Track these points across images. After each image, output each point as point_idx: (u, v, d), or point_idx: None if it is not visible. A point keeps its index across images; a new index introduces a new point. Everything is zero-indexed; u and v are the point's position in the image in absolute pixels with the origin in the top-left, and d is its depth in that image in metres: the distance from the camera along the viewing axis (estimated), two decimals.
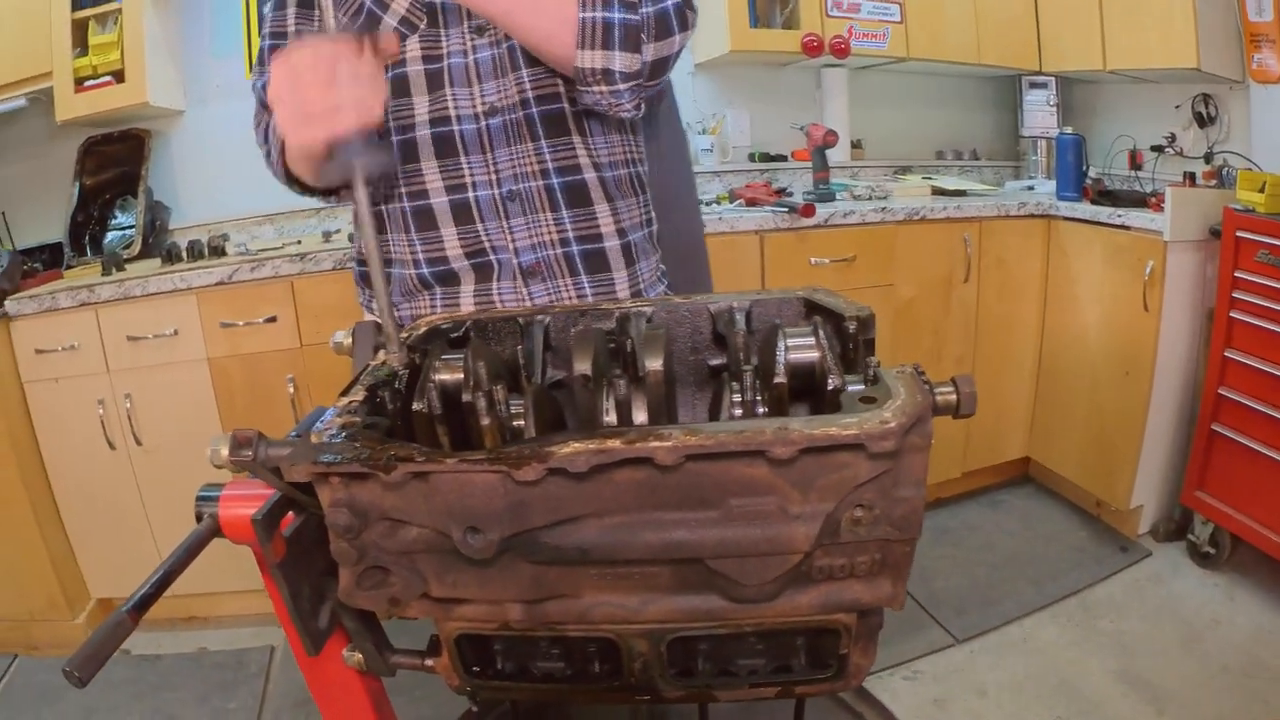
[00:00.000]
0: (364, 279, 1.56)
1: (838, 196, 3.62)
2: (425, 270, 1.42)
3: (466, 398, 0.88)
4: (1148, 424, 3.15)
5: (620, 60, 1.25)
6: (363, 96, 0.97)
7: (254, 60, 1.47)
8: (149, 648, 3.06)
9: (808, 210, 3.16)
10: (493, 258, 1.41)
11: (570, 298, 1.44)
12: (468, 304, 1.43)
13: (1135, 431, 3.17)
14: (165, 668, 2.98)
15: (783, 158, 4.09)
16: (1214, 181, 3.30)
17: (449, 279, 1.43)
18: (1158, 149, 3.66)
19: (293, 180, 1.38)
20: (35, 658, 3.08)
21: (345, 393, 0.88)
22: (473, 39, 1.34)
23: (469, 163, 1.36)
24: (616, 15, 1.23)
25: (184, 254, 3.22)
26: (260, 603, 3.13)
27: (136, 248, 3.39)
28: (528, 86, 1.35)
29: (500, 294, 1.42)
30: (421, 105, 1.35)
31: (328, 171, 0.97)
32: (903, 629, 2.82)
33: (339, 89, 0.96)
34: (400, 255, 1.44)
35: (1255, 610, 2.82)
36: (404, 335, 1.00)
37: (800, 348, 0.88)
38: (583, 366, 0.88)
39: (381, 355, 0.97)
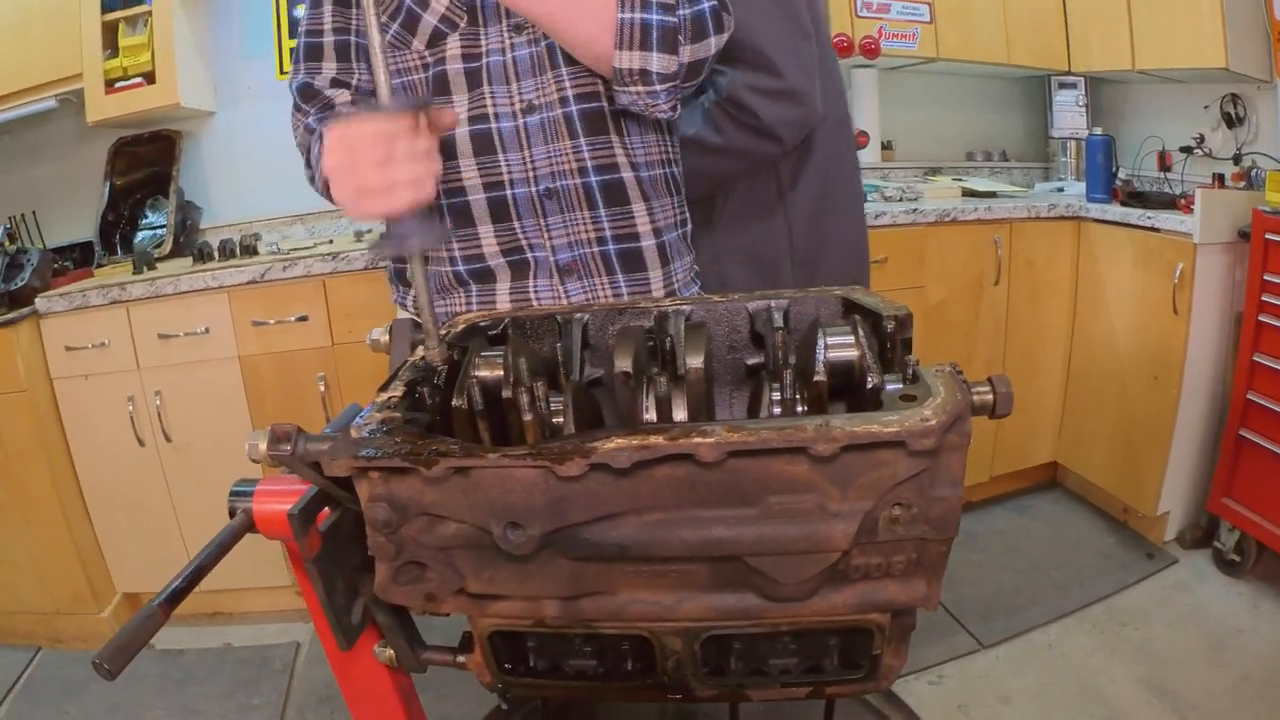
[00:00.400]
0: (399, 277, 1.56)
1: (868, 198, 3.61)
2: (461, 268, 1.43)
3: (507, 394, 0.88)
4: (1176, 429, 3.12)
5: (657, 61, 1.25)
6: (418, 174, 0.97)
7: (290, 58, 1.47)
8: (173, 643, 3.07)
9: None
10: (529, 255, 1.41)
11: (606, 296, 1.44)
12: (503, 301, 1.44)
13: (1163, 437, 3.15)
14: (190, 663, 2.99)
15: None
16: (1243, 183, 3.27)
17: (485, 276, 1.44)
18: (1186, 150, 3.63)
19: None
20: (59, 651, 3.10)
21: (384, 388, 0.88)
22: (511, 37, 1.34)
23: (506, 160, 1.36)
24: (654, 17, 1.24)
25: (216, 253, 3.24)
26: (285, 599, 3.16)
27: (167, 247, 3.42)
28: (567, 84, 1.36)
29: (537, 292, 1.43)
30: (460, 104, 1.35)
31: (381, 247, 0.97)
32: (928, 634, 2.81)
33: (395, 167, 0.96)
34: (435, 252, 1.44)
35: (1279, 619, 2.79)
36: (442, 332, 1.00)
37: (840, 346, 0.88)
38: (624, 364, 0.88)
39: (420, 351, 0.98)
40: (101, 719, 2.72)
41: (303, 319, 2.96)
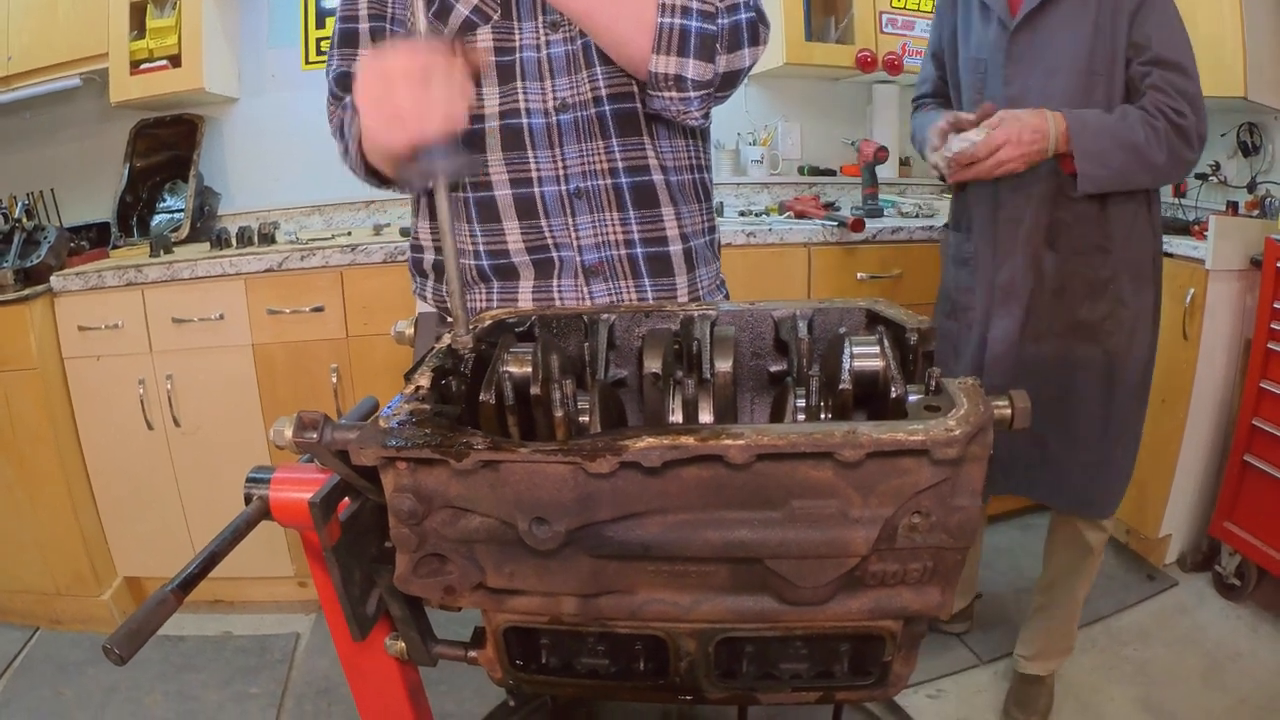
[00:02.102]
0: (418, 268, 1.57)
1: (885, 213, 3.61)
2: (485, 262, 1.43)
3: (535, 390, 0.89)
4: (1181, 453, 3.12)
5: (693, 68, 1.26)
6: (452, 99, 0.97)
7: (329, 44, 1.47)
8: (173, 629, 3.06)
9: (857, 225, 3.14)
10: (555, 254, 1.41)
11: (631, 299, 1.44)
12: (525, 300, 1.44)
13: (1168, 460, 3.14)
14: (189, 650, 3.00)
15: (831, 172, 4.06)
16: (1257, 211, 3.27)
17: (508, 273, 1.44)
18: (1201, 177, 3.63)
19: (371, 173, 1.37)
20: (58, 632, 3.11)
21: (410, 375, 0.89)
22: (547, 34, 1.35)
23: (536, 157, 1.37)
24: (694, 23, 1.24)
25: (233, 240, 3.25)
26: (286, 590, 3.16)
27: (185, 231, 3.43)
28: (601, 84, 1.36)
29: (560, 291, 1.43)
30: (491, 97, 1.36)
31: (408, 173, 0.97)
32: (928, 647, 2.80)
33: (430, 92, 0.96)
34: (461, 245, 1.44)
35: (1278, 644, 2.79)
36: (470, 326, 1.01)
37: (865, 356, 0.89)
38: (653, 365, 0.89)
39: (446, 339, 0.98)
40: (98, 701, 2.72)
41: (318, 309, 2.96)
